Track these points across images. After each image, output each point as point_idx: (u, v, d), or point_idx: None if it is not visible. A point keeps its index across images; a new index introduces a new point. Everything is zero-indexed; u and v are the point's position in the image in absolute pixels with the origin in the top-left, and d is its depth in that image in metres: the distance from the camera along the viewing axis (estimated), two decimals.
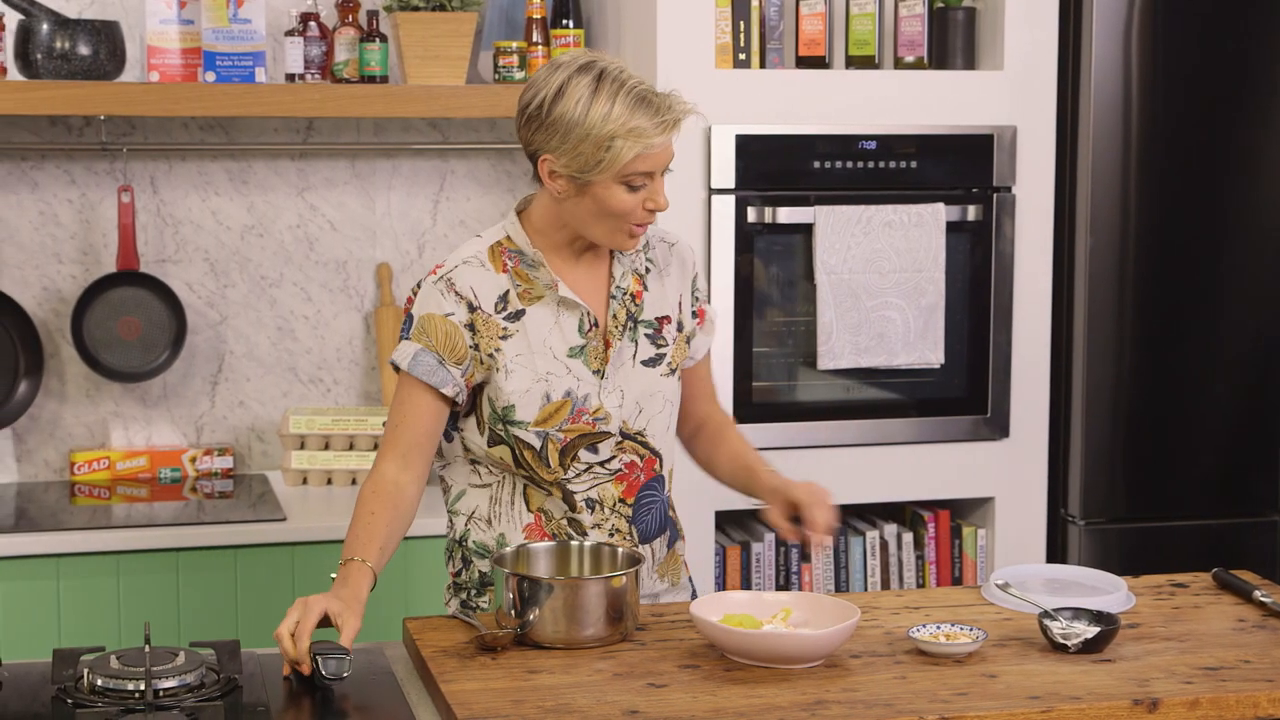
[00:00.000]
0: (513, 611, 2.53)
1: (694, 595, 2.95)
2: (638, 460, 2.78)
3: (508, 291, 2.73)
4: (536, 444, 2.72)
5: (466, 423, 2.78)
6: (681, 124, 2.64)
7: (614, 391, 2.74)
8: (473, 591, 2.86)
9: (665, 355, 2.80)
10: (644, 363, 2.78)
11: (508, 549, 2.68)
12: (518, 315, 2.72)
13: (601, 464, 2.75)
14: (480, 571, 2.83)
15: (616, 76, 2.61)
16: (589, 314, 2.74)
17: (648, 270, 2.82)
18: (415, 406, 2.71)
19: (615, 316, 2.76)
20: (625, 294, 2.78)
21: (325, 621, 2.51)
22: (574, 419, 2.71)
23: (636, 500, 2.78)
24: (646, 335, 2.79)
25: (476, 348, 2.70)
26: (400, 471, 2.70)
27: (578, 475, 2.75)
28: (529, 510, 2.77)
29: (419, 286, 2.76)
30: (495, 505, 2.79)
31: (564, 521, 2.76)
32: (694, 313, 2.88)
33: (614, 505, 2.77)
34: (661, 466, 2.82)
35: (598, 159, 2.60)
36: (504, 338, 2.71)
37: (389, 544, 2.67)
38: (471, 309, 2.71)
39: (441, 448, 2.82)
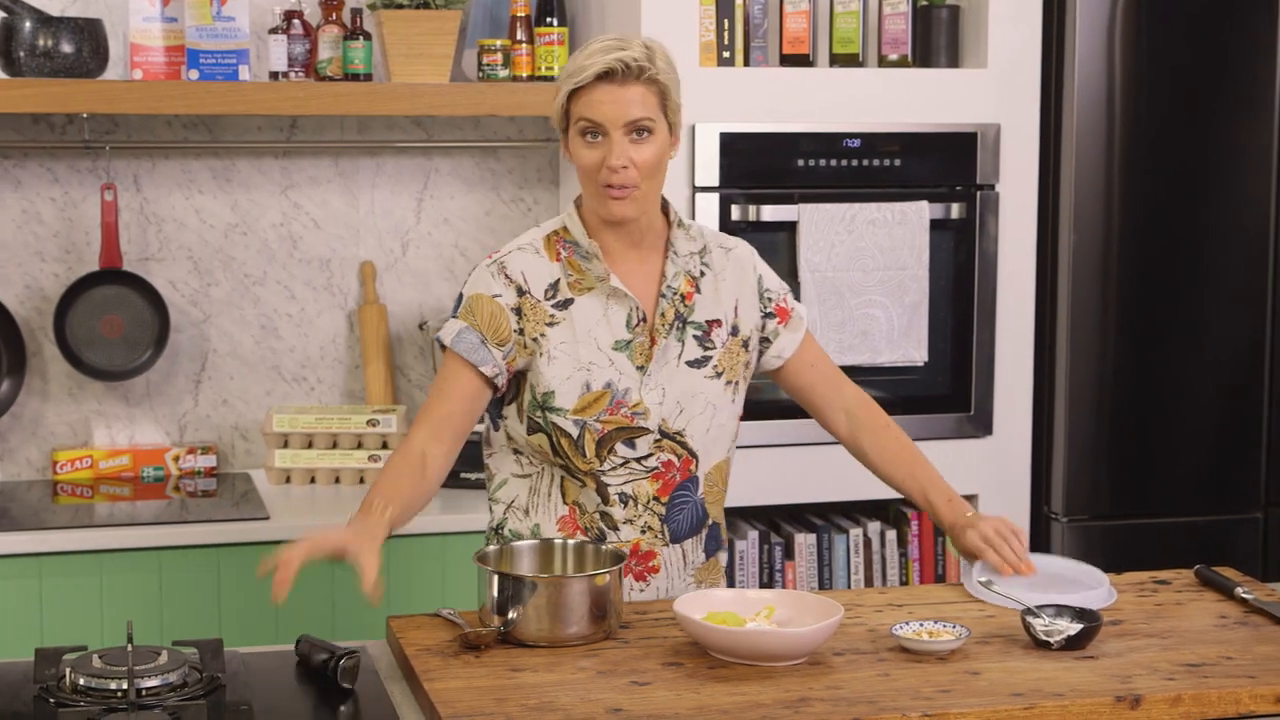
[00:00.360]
0: (496, 610, 2.53)
1: None
2: (675, 460, 2.79)
3: (559, 280, 2.76)
4: (574, 433, 2.73)
5: (509, 410, 2.81)
6: (627, 69, 2.64)
7: (655, 389, 2.75)
8: None
9: (712, 358, 2.80)
10: (689, 363, 2.78)
11: (490, 548, 2.68)
12: (566, 304, 2.75)
13: (638, 460, 2.77)
14: None
15: (611, 43, 2.67)
16: (638, 309, 2.76)
17: (702, 274, 2.83)
18: (454, 382, 2.75)
19: (663, 315, 2.77)
20: (675, 293, 2.79)
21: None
22: (612, 410, 2.73)
23: (670, 499, 2.80)
24: (695, 337, 2.80)
25: (521, 332, 2.73)
26: (430, 442, 2.73)
27: (613, 469, 2.76)
28: (564, 503, 2.79)
29: (472, 272, 2.81)
30: (534, 496, 2.82)
31: (596, 515, 2.78)
32: (771, 313, 2.89)
33: (647, 502, 2.78)
34: (698, 468, 2.82)
35: (555, 107, 2.70)
36: (550, 324, 2.74)
37: (410, 506, 2.69)
38: (520, 293, 2.74)
39: (489, 436, 2.87)
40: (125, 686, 2.29)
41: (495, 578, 2.54)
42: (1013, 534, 2.83)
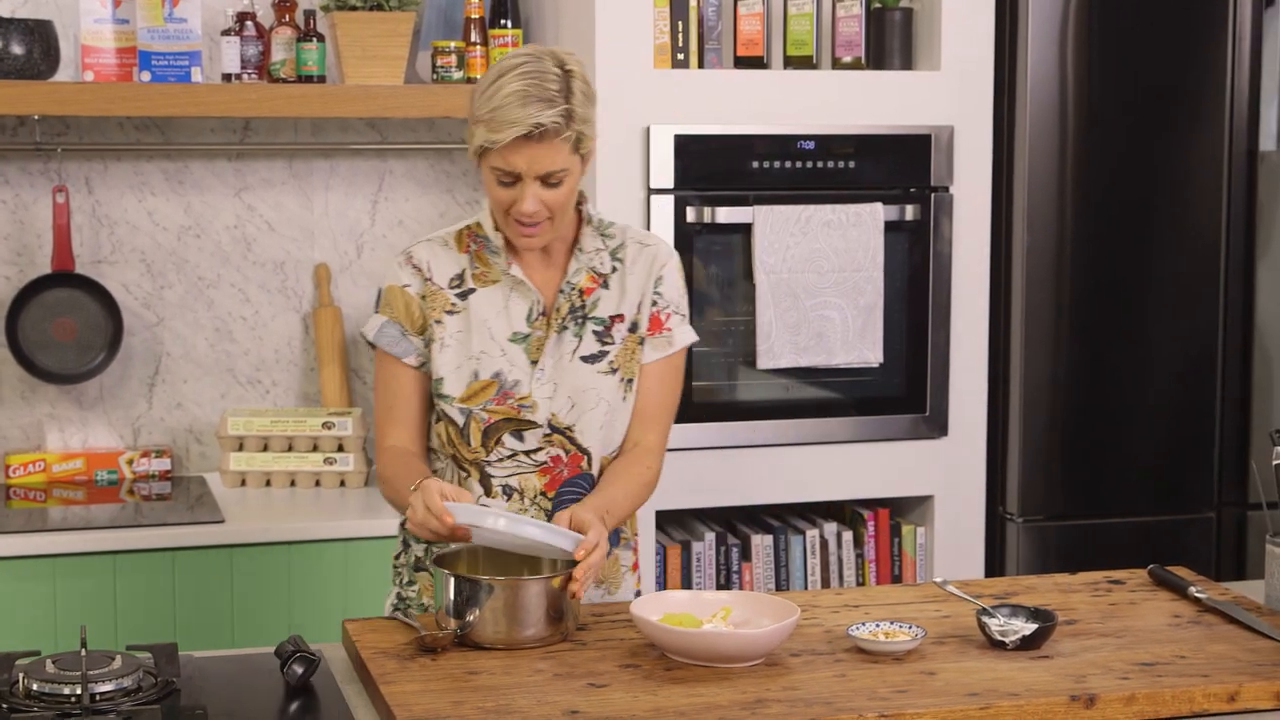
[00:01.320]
0: (452, 612, 2.53)
1: None
2: (563, 455, 2.78)
3: (465, 271, 2.78)
4: (460, 420, 2.75)
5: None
6: (547, 136, 2.59)
7: (547, 383, 2.75)
8: (405, 579, 2.86)
9: (609, 354, 2.79)
10: (584, 358, 2.77)
11: (449, 548, 2.67)
12: (467, 294, 2.77)
13: (526, 453, 2.76)
14: (416, 556, 2.85)
15: (528, 73, 2.61)
16: (539, 303, 2.76)
17: (613, 270, 2.82)
18: (390, 377, 2.80)
19: (558, 309, 2.77)
20: (574, 289, 2.78)
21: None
22: (499, 400, 2.73)
23: (558, 495, 2.78)
24: (595, 332, 2.79)
25: (425, 320, 2.77)
26: (405, 440, 2.78)
27: (500, 460, 2.76)
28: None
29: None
30: None
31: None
32: (650, 316, 2.84)
33: (534, 497, 2.77)
34: (590, 465, 2.80)
35: (470, 141, 2.67)
36: (449, 312, 2.76)
37: None
38: (424, 279, 2.77)
39: None
40: (79, 691, 2.28)
41: (451, 580, 2.53)
42: (601, 549, 2.58)
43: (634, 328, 2.82)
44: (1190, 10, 4.10)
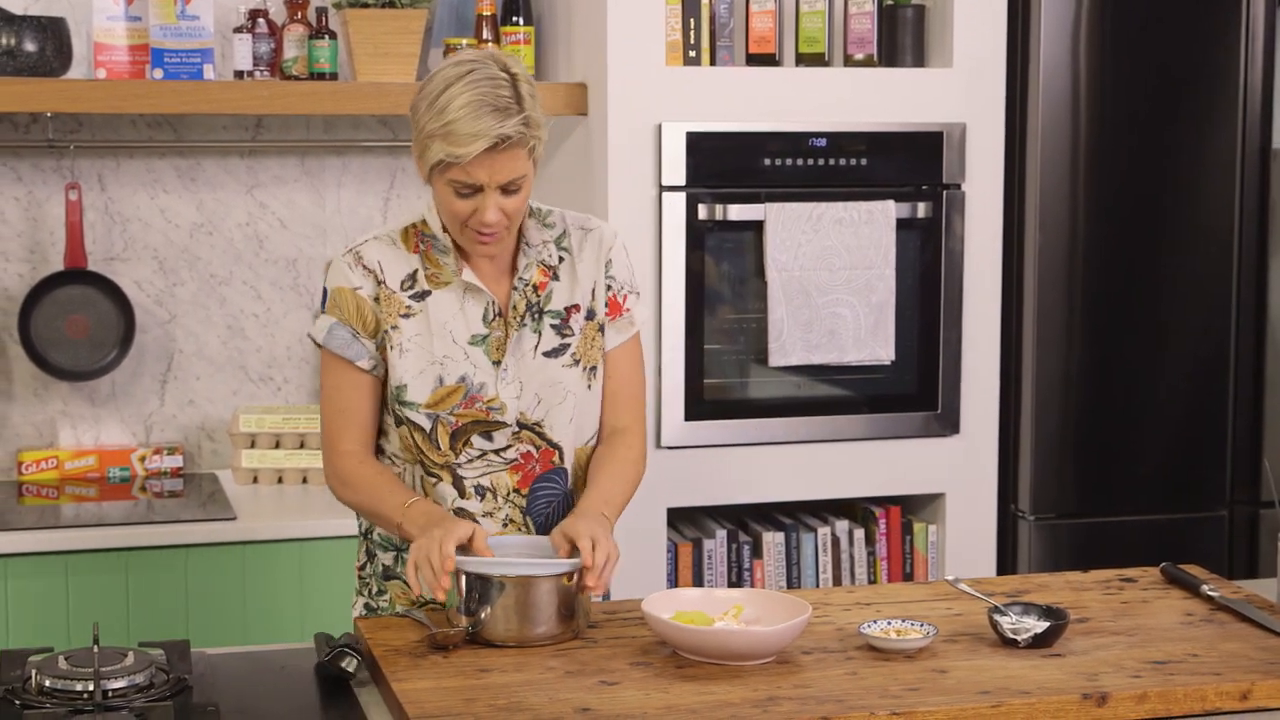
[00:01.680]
0: (463, 610, 2.53)
1: (606, 598, 2.88)
2: (534, 451, 2.74)
3: (417, 271, 2.72)
4: (426, 426, 2.70)
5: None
6: (510, 145, 2.55)
7: (512, 382, 2.71)
8: (374, 589, 2.84)
9: (570, 346, 2.75)
10: (545, 354, 2.74)
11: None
12: (423, 296, 2.71)
13: (496, 452, 2.73)
14: (384, 565, 2.82)
15: (479, 79, 2.55)
16: (494, 303, 2.72)
17: (561, 260, 2.78)
18: (340, 380, 2.73)
19: (515, 307, 2.73)
20: (527, 284, 2.74)
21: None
22: (467, 404, 2.69)
23: (531, 491, 2.75)
24: (552, 326, 2.75)
25: (379, 322, 2.70)
26: (360, 448, 2.74)
27: (470, 461, 2.72)
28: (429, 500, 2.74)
29: (329, 265, 2.76)
30: None
31: (453, 511, 2.72)
32: (605, 302, 2.80)
33: (508, 495, 2.74)
34: (562, 459, 2.77)
35: (423, 155, 2.60)
36: (405, 316, 2.70)
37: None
38: (378, 283, 2.71)
39: None
40: (91, 688, 2.28)
41: (462, 577, 2.53)
42: (602, 547, 2.57)
43: (590, 315, 2.78)
44: (1203, 7, 4.10)
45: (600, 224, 2.84)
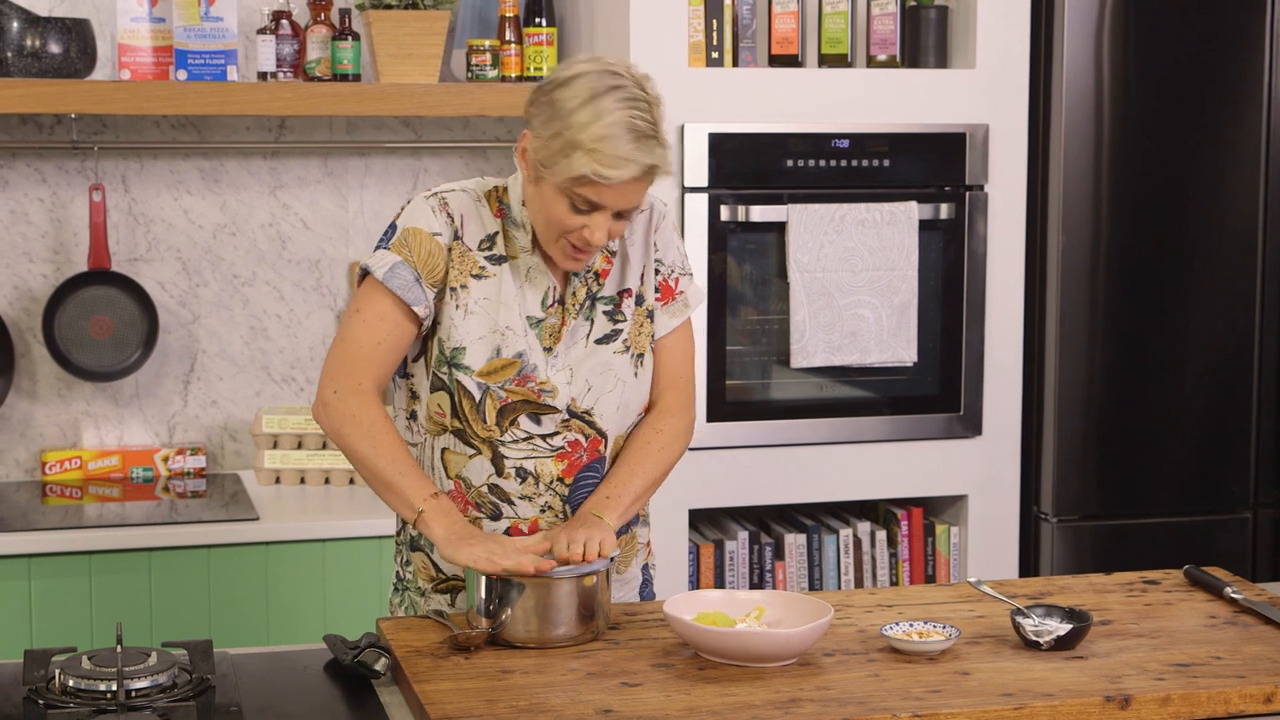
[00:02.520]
0: (484, 612, 2.53)
1: (645, 584, 2.89)
2: (582, 440, 2.70)
3: (496, 234, 2.65)
4: (476, 395, 2.64)
5: (416, 367, 2.72)
6: (651, 174, 2.52)
7: (563, 369, 2.67)
8: (404, 559, 2.80)
9: (622, 332, 2.71)
10: (597, 341, 2.70)
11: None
12: (499, 260, 2.64)
13: (543, 438, 2.68)
14: (411, 535, 2.76)
15: (628, 99, 2.51)
16: (555, 289, 2.67)
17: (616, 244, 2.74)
18: (384, 323, 2.62)
19: (575, 294, 2.69)
20: (589, 271, 2.69)
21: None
22: (519, 381, 2.64)
23: (575, 481, 2.72)
24: (605, 312, 2.71)
25: (447, 275, 2.63)
26: (378, 396, 2.64)
27: (515, 441, 2.67)
28: (448, 477, 2.71)
29: (408, 202, 2.69)
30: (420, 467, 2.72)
31: (484, 489, 2.69)
32: (656, 287, 2.76)
33: (550, 482, 2.70)
34: (606, 447, 2.73)
35: (555, 160, 2.51)
36: (476, 277, 2.64)
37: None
38: (455, 235, 2.64)
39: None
40: (114, 688, 2.29)
41: (483, 579, 2.54)
42: (586, 540, 2.59)
43: (640, 300, 2.74)
44: (1226, 6, 4.08)
45: (652, 200, 2.76)
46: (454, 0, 4.09)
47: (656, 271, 2.76)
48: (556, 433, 2.69)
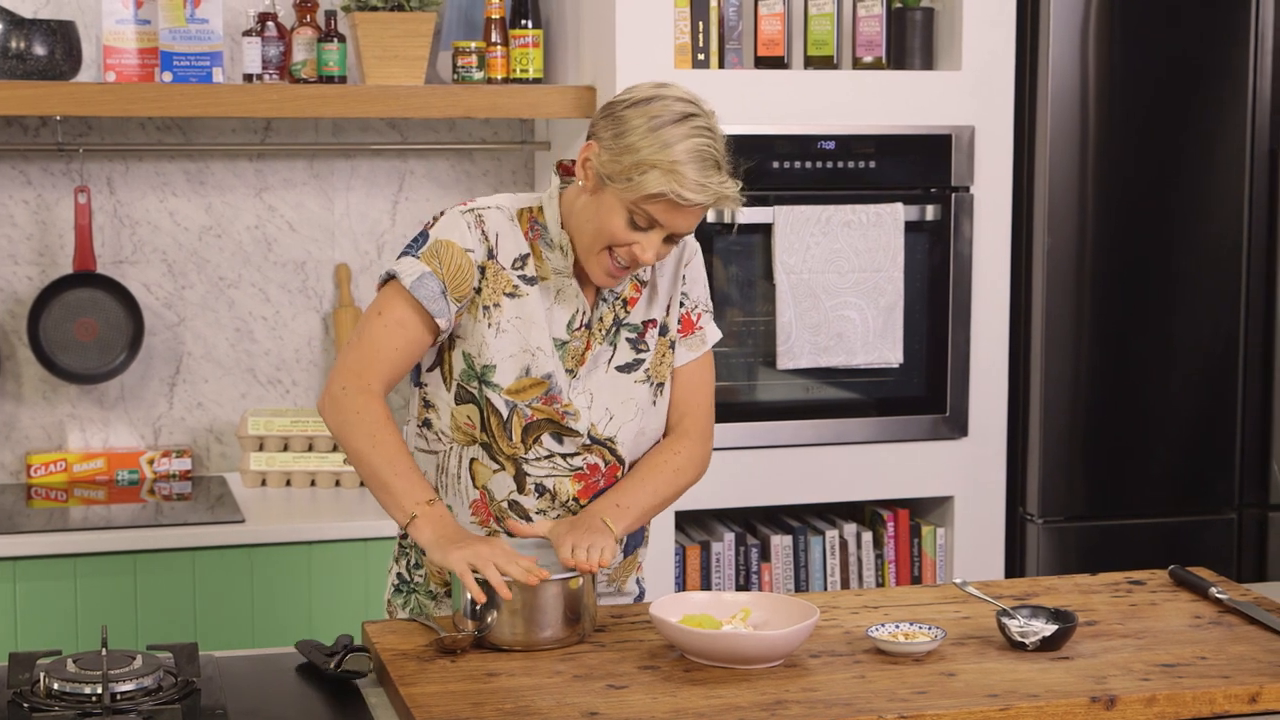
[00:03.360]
0: (470, 614, 2.53)
1: (639, 597, 2.90)
2: (600, 464, 2.73)
3: (528, 255, 2.66)
4: (504, 413, 2.66)
5: (431, 377, 2.72)
6: (720, 203, 2.55)
7: (584, 393, 2.69)
8: (412, 561, 2.80)
9: (644, 362, 2.73)
10: (619, 368, 2.72)
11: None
12: (532, 281, 2.66)
13: (564, 457, 2.70)
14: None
15: (702, 128, 2.55)
16: (582, 313, 2.69)
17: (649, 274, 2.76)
18: (404, 330, 2.62)
19: (602, 320, 2.70)
20: (618, 298, 2.72)
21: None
22: (546, 401, 2.66)
23: (590, 501, 2.73)
24: (629, 340, 2.73)
25: (479, 292, 2.64)
26: (383, 402, 2.63)
27: (537, 459, 2.69)
28: (475, 486, 2.72)
29: (441, 214, 2.69)
30: (441, 475, 2.74)
31: (505, 504, 2.71)
32: (678, 319, 2.78)
33: (566, 501, 2.72)
34: (623, 473, 2.76)
35: (628, 175, 2.52)
36: (510, 295, 2.65)
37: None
38: (490, 254, 2.64)
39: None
40: (100, 691, 2.28)
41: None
42: (589, 546, 2.60)
43: (664, 330, 2.76)
44: (1212, 9, 4.09)
45: (685, 239, 2.78)
46: (439, 2, 4.08)
47: (681, 304, 2.79)
48: (577, 453, 2.71)
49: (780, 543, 4.05)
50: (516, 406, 2.66)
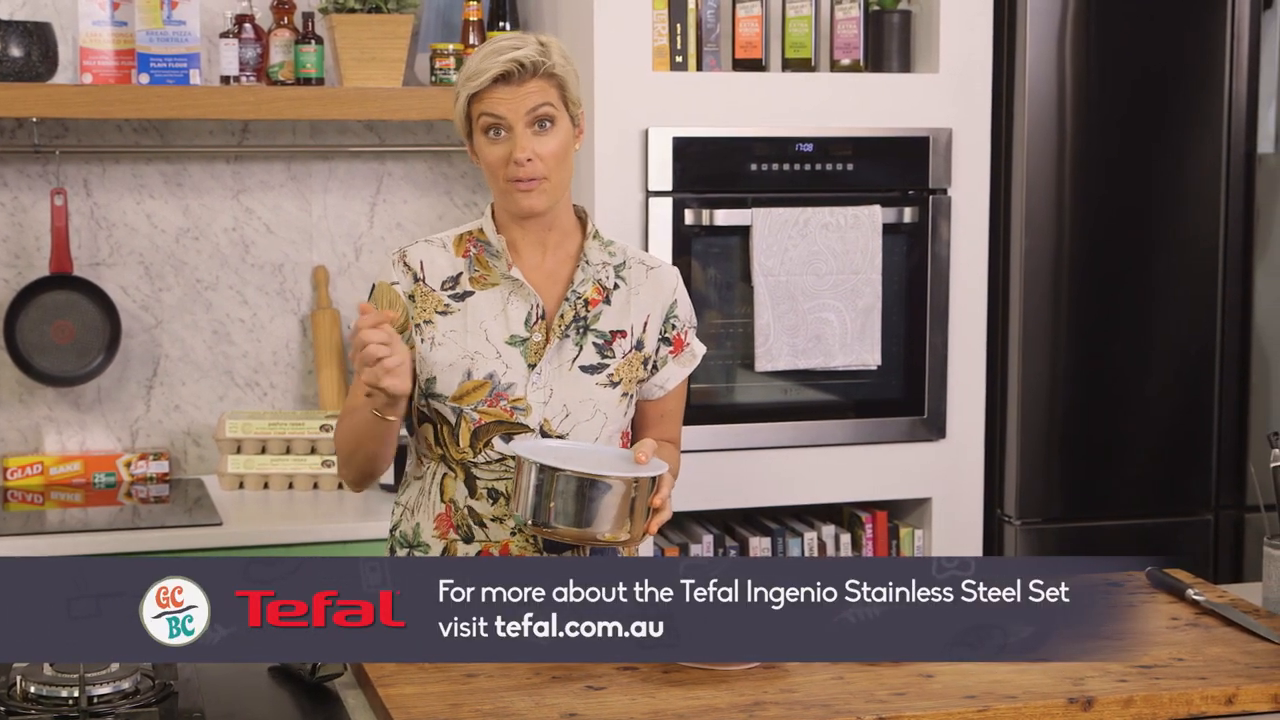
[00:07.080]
0: (530, 498, 2.51)
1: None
2: None
3: (461, 274, 2.78)
4: (452, 420, 2.74)
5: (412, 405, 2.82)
6: (526, 73, 2.65)
7: (543, 388, 2.73)
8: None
9: (609, 367, 2.77)
10: (583, 368, 2.76)
11: (525, 438, 2.69)
12: (464, 296, 2.77)
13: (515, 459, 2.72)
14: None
15: (510, 35, 2.72)
16: (539, 306, 2.75)
17: (616, 286, 2.81)
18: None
19: (563, 316, 2.76)
20: (580, 298, 2.78)
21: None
22: (491, 402, 2.72)
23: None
24: (595, 344, 2.78)
25: (411, 318, 2.76)
26: None
27: (488, 463, 2.74)
28: (441, 500, 2.78)
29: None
30: (421, 496, 2.81)
31: (465, 510, 2.76)
32: (669, 339, 2.85)
33: None
34: None
35: (457, 112, 2.72)
36: (441, 313, 2.76)
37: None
38: (415, 280, 2.78)
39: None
40: (77, 694, 2.28)
41: (533, 467, 2.51)
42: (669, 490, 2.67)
43: (639, 345, 2.81)
44: (1189, 13, 4.11)
45: (663, 264, 2.89)
46: (417, 4, 4.08)
47: (672, 325, 2.86)
48: None
49: (759, 544, 4.06)
50: (463, 411, 2.73)
